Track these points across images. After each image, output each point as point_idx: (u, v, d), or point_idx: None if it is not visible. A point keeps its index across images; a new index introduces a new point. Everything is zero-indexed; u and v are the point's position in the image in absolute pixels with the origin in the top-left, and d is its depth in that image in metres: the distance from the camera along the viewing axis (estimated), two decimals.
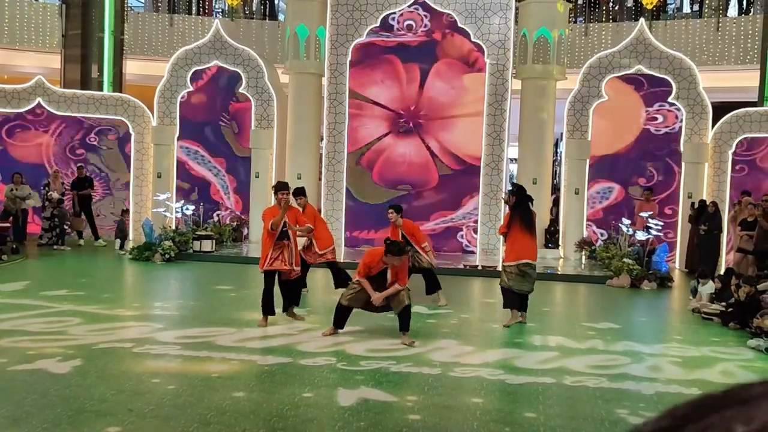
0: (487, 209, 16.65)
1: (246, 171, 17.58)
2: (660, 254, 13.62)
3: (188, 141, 17.63)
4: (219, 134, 17.70)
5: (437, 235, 16.59)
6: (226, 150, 17.69)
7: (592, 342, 8.65)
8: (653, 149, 16.43)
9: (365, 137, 17.01)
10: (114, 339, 7.89)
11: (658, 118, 16.40)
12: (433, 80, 16.80)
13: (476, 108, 16.59)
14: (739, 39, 21.33)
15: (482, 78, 16.51)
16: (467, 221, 16.76)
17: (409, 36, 16.72)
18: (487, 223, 16.60)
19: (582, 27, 22.67)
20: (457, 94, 16.73)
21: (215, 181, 17.74)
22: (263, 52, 20.11)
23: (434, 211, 16.77)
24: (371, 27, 16.70)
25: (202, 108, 17.63)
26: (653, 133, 16.43)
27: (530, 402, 6.22)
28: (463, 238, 16.73)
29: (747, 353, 8.39)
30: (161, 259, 14.28)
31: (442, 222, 16.79)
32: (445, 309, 10.15)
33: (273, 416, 5.59)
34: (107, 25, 20.72)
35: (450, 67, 16.71)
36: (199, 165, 17.69)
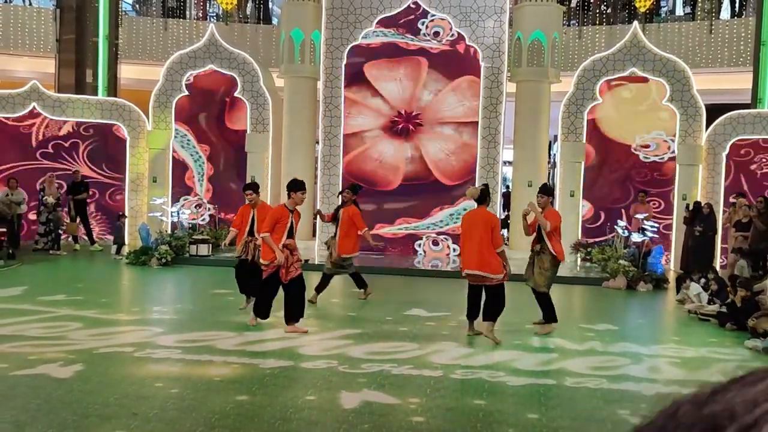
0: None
1: (229, 159, 17.69)
2: (656, 256, 13.69)
3: (180, 123, 17.65)
4: (212, 123, 17.73)
5: (397, 239, 16.83)
6: (213, 138, 17.72)
7: (591, 343, 8.70)
8: (634, 174, 16.59)
9: (353, 127, 17.03)
10: (114, 343, 7.89)
11: (651, 145, 16.54)
12: (448, 92, 16.79)
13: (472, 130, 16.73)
14: (732, 41, 21.45)
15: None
16: (430, 231, 16.84)
17: (434, 43, 16.74)
18: None
19: (576, 30, 22.77)
20: (464, 111, 16.73)
21: (193, 167, 17.75)
22: (258, 56, 20.13)
23: (400, 216, 16.89)
24: (398, 24, 16.66)
25: (203, 94, 17.64)
26: (641, 159, 16.57)
27: (532, 403, 6.26)
28: (420, 247, 16.81)
29: (745, 354, 8.45)
30: (158, 263, 14.27)
31: (405, 228, 16.89)
32: (443, 311, 10.17)
33: (277, 419, 5.61)
34: (102, 30, 20.71)
35: (471, 85, 16.70)
36: (182, 148, 17.70)
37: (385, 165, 16.92)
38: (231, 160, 17.80)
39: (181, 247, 14.82)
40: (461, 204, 16.67)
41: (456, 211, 16.69)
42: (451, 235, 16.73)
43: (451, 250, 16.60)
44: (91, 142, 17.78)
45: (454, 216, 16.70)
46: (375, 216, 16.78)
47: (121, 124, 17.76)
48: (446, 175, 16.75)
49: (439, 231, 16.82)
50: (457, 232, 16.69)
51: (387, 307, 10.38)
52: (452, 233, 16.67)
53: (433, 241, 16.82)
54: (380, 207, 16.85)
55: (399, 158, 16.89)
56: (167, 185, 17.57)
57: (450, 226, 16.71)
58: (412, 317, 9.98)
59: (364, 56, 16.93)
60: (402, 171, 16.88)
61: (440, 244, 16.81)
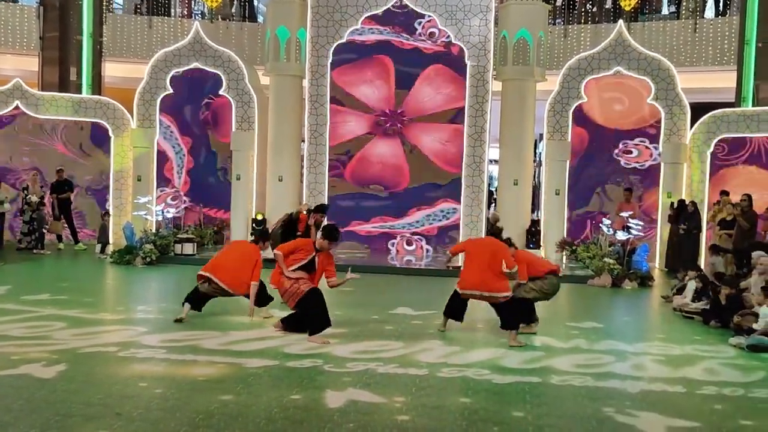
0: (468, 210, 16.72)
1: (211, 162, 17.73)
2: (640, 254, 13.74)
3: (164, 115, 17.55)
4: (196, 116, 17.64)
5: (372, 237, 17.00)
6: (196, 131, 17.68)
7: (576, 341, 8.72)
8: (615, 177, 16.71)
9: (344, 135, 17.08)
10: (98, 343, 7.84)
11: (633, 152, 16.62)
12: (422, 85, 16.87)
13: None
14: (716, 40, 21.57)
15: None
16: (404, 231, 16.86)
17: (428, 43, 16.75)
18: (469, 224, 16.67)
19: (561, 29, 22.81)
20: (444, 99, 16.81)
21: (174, 158, 17.67)
22: (243, 54, 20.05)
23: (377, 215, 16.96)
24: (394, 23, 16.79)
25: (189, 86, 17.55)
26: (622, 165, 16.64)
27: (518, 401, 6.26)
28: (393, 246, 16.83)
29: (729, 351, 8.49)
30: (142, 262, 14.20)
31: (381, 227, 16.93)
32: (430, 310, 10.16)
33: (261, 419, 5.59)
34: (85, 28, 20.57)
35: (439, 72, 16.78)
36: (164, 140, 17.61)
37: (388, 165, 16.94)
38: (212, 155, 17.74)
39: (165, 246, 14.75)
40: (439, 206, 16.77)
41: (433, 212, 16.78)
42: (425, 236, 16.80)
43: (424, 251, 16.68)
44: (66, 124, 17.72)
45: (431, 217, 16.81)
46: (352, 213, 16.84)
47: (106, 122, 17.65)
48: (449, 163, 16.82)
49: (414, 231, 16.87)
50: (431, 233, 16.83)
51: (373, 306, 10.37)
52: (427, 234, 16.76)
53: (407, 241, 16.87)
54: (358, 204, 16.99)
55: (399, 156, 16.92)
56: (152, 184, 17.48)
57: (425, 226, 16.81)
58: (398, 316, 9.98)
59: (356, 53, 16.92)
60: (406, 169, 16.91)
61: (414, 244, 16.86)
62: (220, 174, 17.77)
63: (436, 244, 16.82)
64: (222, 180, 17.71)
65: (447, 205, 16.86)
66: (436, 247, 16.76)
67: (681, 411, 6.15)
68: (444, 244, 16.61)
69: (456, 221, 16.85)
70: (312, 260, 8.59)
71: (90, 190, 17.78)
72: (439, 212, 16.91)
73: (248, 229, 17.11)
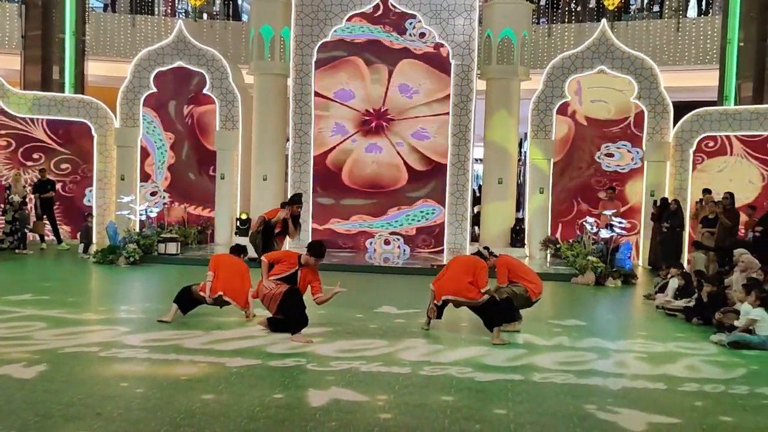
0: (453, 209, 16.75)
1: (192, 150, 17.66)
2: (624, 252, 13.80)
3: (147, 109, 17.47)
4: (180, 112, 17.59)
5: (350, 235, 16.99)
6: (180, 128, 17.61)
7: (559, 339, 8.75)
8: (594, 183, 16.80)
9: (333, 140, 17.07)
10: (80, 343, 7.79)
11: (614, 155, 16.71)
12: (397, 81, 16.88)
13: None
14: (699, 39, 21.71)
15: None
16: (383, 231, 16.88)
17: (418, 44, 16.75)
18: (453, 222, 16.70)
19: (545, 28, 22.89)
20: (424, 92, 16.86)
21: (155, 153, 17.60)
22: (227, 53, 20.00)
23: (355, 213, 16.96)
24: (384, 22, 16.79)
25: (176, 81, 17.48)
26: (603, 168, 16.73)
27: (499, 399, 6.27)
28: (371, 245, 16.85)
29: (710, 348, 8.54)
30: (126, 262, 14.13)
31: (359, 225, 16.93)
32: (413, 308, 10.16)
33: (243, 418, 5.57)
34: (68, 26, 20.46)
35: (412, 66, 16.81)
36: (147, 134, 17.52)
37: (383, 165, 16.93)
38: (194, 151, 17.66)
39: (149, 246, 14.68)
40: (419, 206, 16.79)
41: (413, 212, 16.80)
42: (403, 235, 16.82)
43: (401, 251, 16.69)
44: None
45: (410, 217, 16.82)
46: (331, 211, 16.84)
47: (89, 122, 17.55)
48: (441, 155, 16.85)
49: (392, 231, 16.88)
50: (410, 233, 16.85)
51: (357, 305, 10.35)
52: (405, 234, 16.78)
53: (384, 240, 16.88)
54: (338, 202, 16.96)
55: (393, 155, 16.92)
56: (135, 183, 17.40)
57: (404, 227, 16.82)
58: (382, 314, 9.98)
59: (346, 50, 16.90)
60: (402, 166, 16.91)
61: (392, 243, 16.87)
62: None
63: (414, 244, 16.84)
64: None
65: (427, 205, 16.88)
66: (413, 247, 16.78)
67: (662, 408, 6.18)
68: (422, 245, 16.67)
69: (436, 222, 16.86)
70: (294, 274, 8.54)
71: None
72: (419, 212, 16.92)
73: (233, 228, 17.08)
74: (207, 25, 23.73)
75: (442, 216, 16.83)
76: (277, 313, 8.43)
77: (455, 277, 8.81)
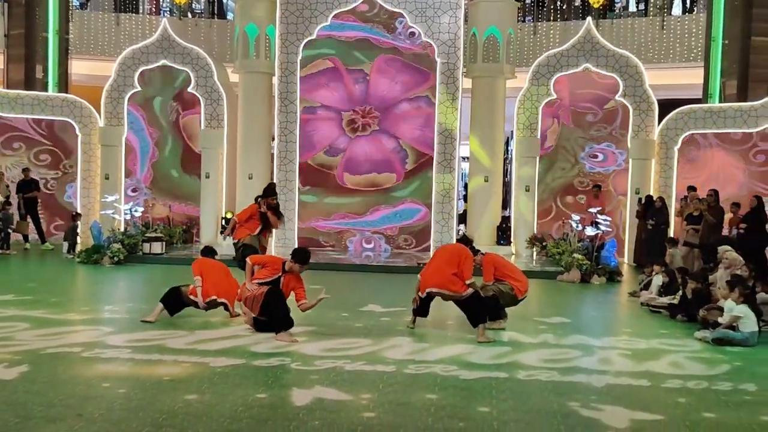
0: (440, 207, 16.75)
1: (177, 147, 17.68)
2: (609, 249, 13.84)
3: (133, 105, 17.37)
4: (165, 110, 17.51)
5: (331, 234, 17.02)
6: (164, 124, 17.59)
7: (544, 336, 8.76)
8: (577, 184, 16.86)
9: (322, 142, 17.04)
10: (62, 344, 7.73)
11: (599, 156, 16.78)
12: (376, 78, 16.86)
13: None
14: (684, 37, 21.81)
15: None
16: (365, 230, 16.87)
17: (407, 43, 16.73)
18: (440, 221, 16.70)
19: (530, 26, 22.93)
20: (402, 87, 16.87)
21: (138, 149, 17.50)
22: (212, 51, 19.93)
23: (337, 212, 16.95)
24: (375, 20, 16.81)
25: (161, 77, 17.38)
26: (586, 169, 16.79)
27: (484, 397, 6.27)
28: (351, 244, 16.83)
29: (694, 344, 8.57)
30: (110, 262, 14.05)
31: (341, 224, 16.93)
32: (399, 307, 10.15)
33: (226, 418, 5.54)
34: (51, 25, 20.30)
35: (388, 62, 16.80)
36: (131, 130, 17.43)
37: (377, 162, 16.90)
38: (178, 148, 17.60)
39: (134, 246, 14.60)
40: (402, 207, 16.79)
41: (395, 213, 16.80)
42: (385, 235, 16.82)
43: (382, 250, 16.67)
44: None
45: (391, 217, 16.82)
46: (312, 209, 16.81)
47: (73, 121, 17.44)
48: (430, 147, 16.88)
49: (374, 230, 16.86)
50: (392, 233, 16.85)
51: (342, 304, 10.32)
52: (386, 233, 16.78)
53: (366, 240, 16.86)
54: (321, 200, 16.96)
55: (384, 151, 16.89)
56: (120, 182, 17.32)
57: (386, 226, 16.82)
58: (367, 313, 9.96)
59: (334, 48, 16.86)
60: (396, 160, 16.89)
61: (373, 243, 16.86)
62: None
63: (396, 244, 16.82)
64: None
65: (410, 205, 16.87)
66: (395, 247, 16.77)
67: (645, 404, 6.19)
68: (404, 244, 16.67)
69: (417, 221, 16.85)
70: (277, 280, 8.50)
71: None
72: (402, 212, 16.92)
73: (218, 227, 17.02)
74: (192, 23, 23.63)
75: (424, 216, 16.82)
76: (261, 315, 8.40)
77: (439, 269, 8.75)
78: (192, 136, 17.55)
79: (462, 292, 8.56)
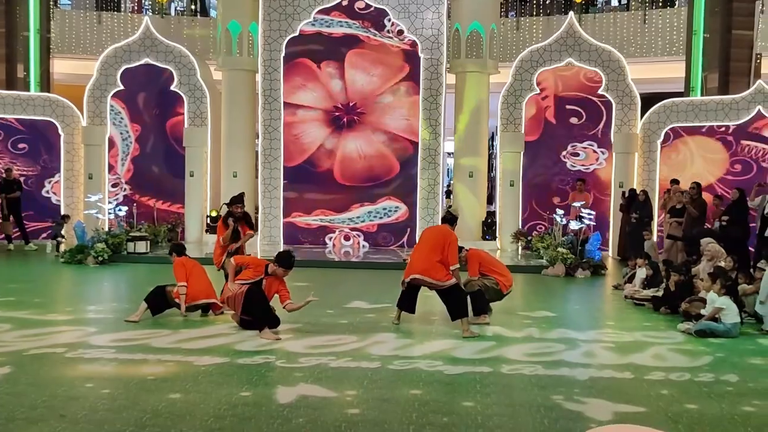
0: (425, 203, 16.76)
1: (158, 142, 17.55)
2: (593, 243, 13.91)
3: (116, 99, 17.29)
4: (149, 106, 17.44)
5: (311, 230, 16.95)
6: (147, 119, 17.50)
7: (529, 330, 8.80)
8: (558, 182, 16.96)
9: (311, 138, 16.99)
10: (46, 344, 7.69)
11: (579, 154, 16.85)
12: (353, 74, 16.85)
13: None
14: (665, 31, 21.91)
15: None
16: (344, 227, 16.87)
17: (395, 40, 16.70)
18: (425, 217, 16.71)
19: (513, 21, 22.97)
20: (378, 81, 16.86)
21: (120, 144, 17.45)
22: (195, 49, 19.84)
23: (318, 208, 16.92)
24: (364, 17, 16.71)
25: (147, 74, 17.32)
26: (567, 168, 16.87)
27: (468, 391, 6.29)
28: (330, 240, 16.84)
29: (677, 336, 8.63)
30: (94, 261, 13.98)
31: (320, 219, 16.92)
32: (384, 303, 10.16)
33: (210, 417, 5.53)
34: (32, 24, 20.14)
35: (362, 56, 16.81)
36: (113, 125, 17.36)
37: (372, 158, 16.86)
38: (160, 144, 17.53)
39: (118, 245, 14.53)
40: (381, 203, 16.79)
41: (375, 209, 16.80)
42: (364, 232, 16.81)
43: (361, 246, 16.67)
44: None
45: (372, 213, 16.80)
46: (293, 205, 16.79)
47: (55, 120, 17.33)
48: (417, 135, 16.82)
49: (353, 227, 16.85)
50: (371, 230, 16.85)
51: (328, 301, 10.31)
52: (366, 231, 16.78)
53: (345, 236, 16.85)
54: (301, 196, 16.91)
55: (376, 146, 16.87)
56: (103, 181, 17.23)
57: (366, 223, 16.81)
58: (352, 310, 9.97)
59: (323, 45, 16.83)
60: (391, 155, 16.87)
61: (351, 239, 16.86)
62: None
63: (375, 241, 16.82)
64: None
65: (390, 202, 16.87)
66: (373, 244, 16.76)
67: (628, 397, 6.24)
68: (382, 242, 16.67)
69: (397, 219, 16.86)
70: (259, 282, 8.48)
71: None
72: (381, 209, 16.92)
73: (203, 226, 16.98)
74: (174, 21, 23.51)
75: (404, 214, 16.81)
76: (244, 314, 8.39)
77: (424, 256, 8.66)
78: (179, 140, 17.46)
79: (444, 281, 8.54)
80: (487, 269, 9.41)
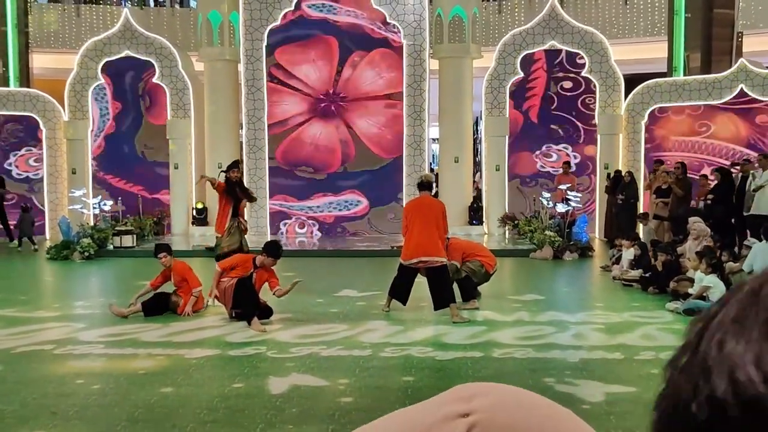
0: (411, 190, 16.72)
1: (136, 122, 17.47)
2: (580, 225, 13.95)
3: (104, 75, 17.19)
4: (134, 87, 17.33)
5: (270, 213, 16.84)
6: (130, 98, 17.42)
7: (519, 314, 8.82)
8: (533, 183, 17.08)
9: (279, 114, 16.92)
10: (34, 341, 7.63)
11: (553, 156, 16.91)
12: (364, 67, 16.77)
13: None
14: (647, 11, 21.91)
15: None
16: (302, 214, 16.82)
17: (396, 36, 16.63)
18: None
19: (495, 5, 22.91)
20: (384, 84, 16.77)
21: (97, 120, 17.36)
22: (176, 40, 19.69)
23: (279, 193, 16.86)
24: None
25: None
26: (539, 169, 16.90)
27: (459, 376, 6.30)
28: (284, 226, 16.79)
29: (666, 316, 8.68)
30: (80, 257, 13.88)
31: (279, 205, 16.87)
32: (374, 291, 10.15)
33: (203, 409, 5.51)
34: (10, 18, 19.91)
35: (384, 57, 16.71)
36: (95, 100, 17.24)
37: (321, 148, 16.82)
38: (137, 125, 17.39)
39: (104, 240, 14.44)
40: (344, 196, 16.75)
41: (338, 201, 16.75)
42: (320, 221, 16.77)
43: (314, 235, 16.60)
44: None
45: (333, 204, 16.75)
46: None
47: (37, 116, 17.17)
48: (384, 149, 16.76)
49: (310, 215, 16.81)
50: (328, 221, 16.80)
51: (318, 290, 10.30)
52: (321, 220, 16.74)
53: (299, 224, 16.82)
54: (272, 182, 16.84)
55: (333, 140, 16.83)
56: (87, 176, 17.10)
57: (324, 213, 16.76)
58: (343, 298, 9.96)
59: (325, 30, 16.70)
60: (338, 152, 16.82)
61: (306, 227, 16.83)
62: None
63: (328, 231, 16.78)
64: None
65: (352, 196, 16.84)
66: (328, 235, 16.72)
67: (619, 377, 6.27)
68: (336, 234, 16.63)
69: (356, 213, 16.84)
70: (249, 277, 8.45)
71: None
72: (343, 202, 16.89)
73: (189, 219, 16.90)
74: (154, 12, 23.32)
75: (363, 209, 16.79)
76: (235, 307, 8.37)
77: (426, 234, 8.36)
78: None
79: (442, 256, 8.46)
80: (470, 254, 9.40)
